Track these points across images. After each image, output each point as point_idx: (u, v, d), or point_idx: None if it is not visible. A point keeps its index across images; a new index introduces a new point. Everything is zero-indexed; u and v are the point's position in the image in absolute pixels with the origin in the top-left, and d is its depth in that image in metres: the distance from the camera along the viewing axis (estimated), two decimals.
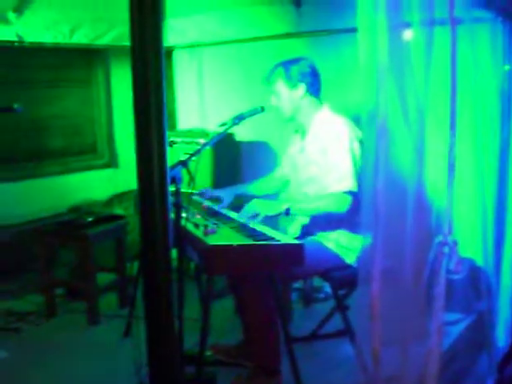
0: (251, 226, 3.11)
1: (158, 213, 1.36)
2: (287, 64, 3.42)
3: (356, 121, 3.23)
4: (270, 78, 3.47)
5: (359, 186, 3.14)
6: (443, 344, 2.79)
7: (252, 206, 3.22)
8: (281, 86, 3.42)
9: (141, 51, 1.32)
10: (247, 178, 5.35)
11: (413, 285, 2.49)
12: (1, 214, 4.75)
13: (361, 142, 3.26)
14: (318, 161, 3.36)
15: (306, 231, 3.49)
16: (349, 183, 3.18)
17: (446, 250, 2.51)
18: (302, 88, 3.40)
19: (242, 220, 3.20)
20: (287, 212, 3.20)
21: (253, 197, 3.44)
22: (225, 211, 3.49)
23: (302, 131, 3.59)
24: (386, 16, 2.08)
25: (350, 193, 3.18)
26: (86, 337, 4.10)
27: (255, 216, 3.16)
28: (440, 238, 2.52)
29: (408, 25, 2.32)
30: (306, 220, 3.50)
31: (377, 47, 2.11)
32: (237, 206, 3.49)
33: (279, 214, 3.23)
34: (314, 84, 3.45)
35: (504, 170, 3.45)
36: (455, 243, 2.53)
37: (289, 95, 3.42)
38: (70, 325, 4.28)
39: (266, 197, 3.61)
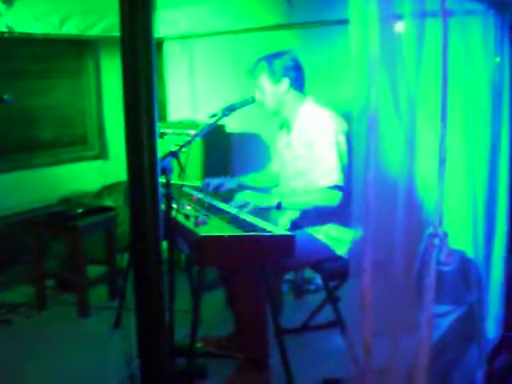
0: (242, 217, 3.11)
1: (148, 204, 1.35)
2: (270, 58, 3.40)
3: (347, 113, 3.22)
4: (253, 72, 3.45)
5: (349, 178, 3.14)
6: (433, 336, 2.80)
7: (243, 196, 3.22)
8: (264, 81, 3.41)
9: (131, 42, 1.31)
10: (238, 169, 5.35)
11: (403, 276, 2.50)
12: None
13: (346, 135, 3.26)
14: (304, 155, 3.35)
15: (296, 225, 3.48)
16: (335, 177, 3.18)
17: (437, 241, 2.51)
18: (285, 82, 3.38)
19: (233, 210, 3.20)
20: (278, 206, 3.20)
21: (244, 188, 3.44)
22: (215, 202, 3.48)
23: (287, 126, 3.58)
24: (378, 7, 2.07)
25: (338, 187, 3.18)
26: (77, 328, 4.10)
27: (245, 205, 3.16)
28: (430, 230, 2.53)
29: (400, 16, 2.32)
30: (295, 214, 3.49)
31: (368, 39, 2.11)
32: (227, 198, 3.48)
33: (270, 208, 3.24)
34: (297, 78, 3.42)
35: (495, 163, 3.46)
36: (445, 235, 2.54)
37: (272, 90, 3.40)
38: (61, 316, 4.27)
39: (262, 190, 3.61)
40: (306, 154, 3.33)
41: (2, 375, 3.45)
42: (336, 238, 3.33)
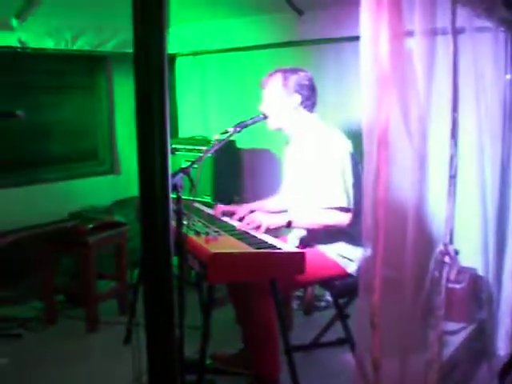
0: (252, 233, 3.11)
1: (159, 220, 1.35)
2: (286, 72, 3.39)
3: (356, 131, 3.23)
4: (266, 82, 3.44)
5: (356, 197, 3.13)
6: (444, 353, 2.79)
7: (254, 217, 3.22)
8: (276, 93, 3.39)
9: (144, 58, 1.32)
10: (248, 185, 5.36)
11: (413, 294, 2.49)
12: (2, 220, 4.74)
13: (351, 154, 3.24)
14: (309, 174, 3.34)
15: (304, 243, 3.47)
16: (339, 200, 3.17)
17: (447, 259, 2.51)
18: (296, 99, 3.37)
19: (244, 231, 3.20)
20: (289, 224, 3.20)
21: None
22: (226, 219, 3.48)
23: (292, 143, 3.58)
24: (389, 24, 2.08)
25: (344, 208, 3.17)
26: (86, 344, 4.10)
27: (257, 227, 3.16)
28: (441, 248, 2.53)
29: (410, 33, 2.33)
30: (303, 232, 3.48)
31: (379, 56, 2.11)
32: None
33: (281, 226, 3.23)
34: (309, 98, 3.40)
35: (506, 180, 3.46)
36: (456, 252, 2.54)
37: (282, 103, 3.39)
38: (70, 331, 4.28)
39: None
40: (310, 173, 3.32)
41: None
42: (346, 256, 3.33)
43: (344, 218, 3.17)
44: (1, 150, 4.96)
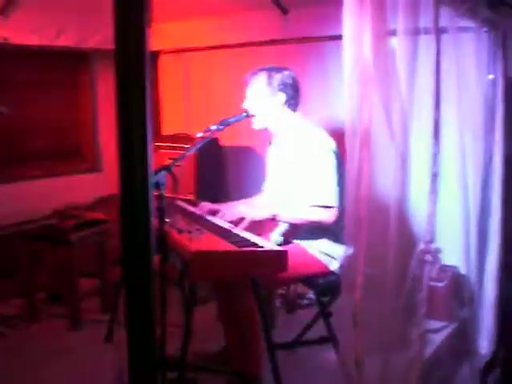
0: (234, 231, 3.10)
1: (140, 217, 1.35)
2: (270, 71, 3.39)
3: (339, 130, 3.23)
4: (250, 81, 3.44)
5: (340, 195, 3.14)
6: (426, 351, 2.80)
7: (236, 211, 3.22)
8: (260, 92, 3.38)
9: (124, 55, 1.31)
10: (231, 183, 5.36)
11: (395, 292, 2.50)
12: None
13: (335, 153, 3.25)
14: (292, 172, 3.34)
15: (287, 239, 3.48)
16: (323, 198, 3.17)
17: (428, 257, 2.52)
18: (281, 97, 3.37)
19: (226, 224, 3.20)
20: (273, 218, 3.20)
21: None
22: (209, 217, 3.48)
23: (276, 141, 3.58)
24: (371, 24, 2.09)
25: (330, 206, 3.18)
26: (68, 341, 4.08)
27: (241, 220, 3.16)
28: (422, 246, 2.54)
29: (393, 33, 2.33)
30: (284, 226, 3.48)
31: (362, 55, 2.12)
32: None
33: (265, 219, 3.24)
34: (293, 97, 3.40)
35: (487, 179, 3.47)
36: (438, 250, 2.55)
37: (266, 102, 3.39)
38: (52, 329, 4.26)
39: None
40: (294, 172, 3.33)
41: None
42: (328, 254, 3.33)
43: (329, 216, 3.17)
44: None
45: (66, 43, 4.87)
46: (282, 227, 3.50)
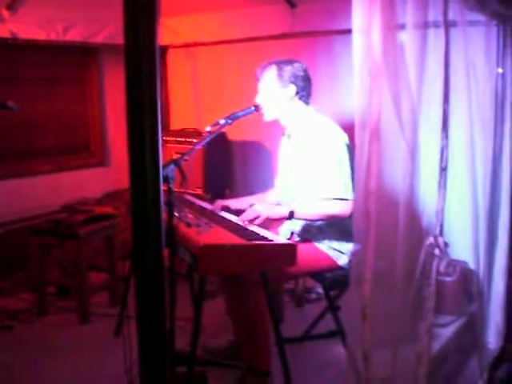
0: (243, 225, 3.10)
1: (150, 211, 1.35)
2: (281, 63, 3.39)
3: (349, 123, 3.22)
4: (261, 74, 3.44)
5: (351, 188, 3.14)
6: (434, 346, 2.80)
7: (254, 209, 3.21)
8: (271, 84, 3.37)
9: (134, 50, 1.31)
10: (239, 177, 5.36)
11: (403, 286, 2.50)
12: None
13: (347, 145, 3.24)
14: (304, 165, 3.34)
15: (295, 232, 3.47)
16: (336, 190, 3.17)
17: (437, 251, 2.52)
18: (292, 89, 3.36)
19: (235, 218, 3.20)
20: (290, 216, 3.19)
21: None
22: (224, 213, 3.47)
23: (287, 135, 3.57)
24: (381, 17, 2.08)
25: (345, 199, 3.17)
26: (77, 335, 4.09)
27: (256, 218, 3.15)
28: (430, 240, 2.53)
29: (402, 26, 2.32)
30: (296, 226, 3.47)
31: (371, 48, 2.11)
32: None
33: (282, 218, 3.23)
34: (304, 88, 3.39)
35: (497, 173, 3.46)
36: (445, 245, 2.54)
37: (277, 94, 3.38)
38: (61, 323, 4.27)
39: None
40: (305, 165, 3.32)
41: (1, 381, 3.45)
42: (337, 248, 3.33)
43: (345, 208, 3.15)
44: None
45: (74, 38, 4.88)
46: (290, 225, 3.48)
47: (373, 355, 2.34)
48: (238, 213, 3.39)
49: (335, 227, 3.31)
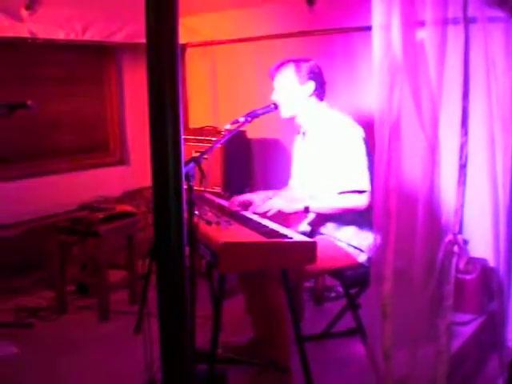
0: (263, 223, 3.11)
1: (172, 209, 1.36)
2: (299, 61, 3.41)
3: (368, 121, 3.22)
4: (279, 71, 3.44)
5: (369, 185, 3.14)
6: (454, 344, 2.79)
7: (269, 203, 3.23)
8: (290, 81, 3.40)
9: (156, 48, 1.32)
10: (259, 175, 5.36)
11: (423, 284, 2.49)
12: (13, 211, 4.77)
13: (364, 141, 3.25)
14: (320, 161, 3.35)
15: (314, 228, 3.48)
16: (356, 182, 3.17)
17: (456, 248, 2.51)
18: (310, 86, 3.38)
19: (254, 216, 3.21)
20: (306, 210, 3.20)
21: None
22: (238, 209, 3.48)
23: (302, 132, 3.58)
24: (401, 14, 2.08)
25: (362, 191, 3.17)
26: (97, 333, 4.11)
27: (268, 211, 3.17)
28: (450, 237, 2.52)
29: (422, 23, 2.32)
30: (311, 216, 3.48)
31: (391, 45, 2.11)
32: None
33: (297, 212, 3.24)
34: (321, 85, 3.43)
35: None
36: (465, 242, 2.53)
37: (296, 91, 3.39)
38: (81, 321, 4.30)
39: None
40: (322, 160, 3.33)
41: (22, 379, 3.47)
42: (356, 246, 3.33)
43: (362, 200, 3.15)
44: (13, 141, 4.98)
45: (92, 38, 4.90)
46: (309, 217, 3.50)
47: (393, 353, 2.34)
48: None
49: (353, 223, 3.31)
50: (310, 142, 3.46)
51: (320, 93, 3.43)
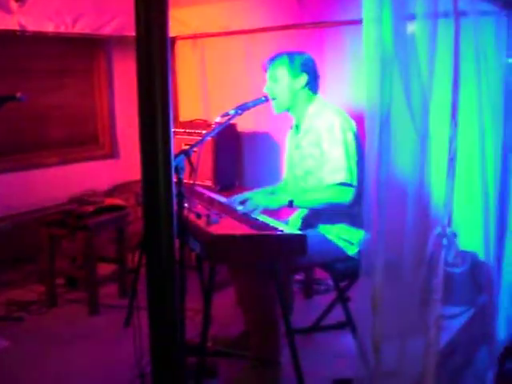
0: (253, 216, 3.11)
1: (162, 202, 1.35)
2: (291, 54, 3.41)
3: (359, 113, 3.22)
4: (272, 64, 3.44)
5: (359, 177, 3.14)
6: (444, 337, 2.80)
7: (253, 200, 3.23)
8: (283, 74, 3.39)
9: (146, 41, 1.31)
10: (249, 168, 5.35)
11: (412, 277, 2.50)
12: (3, 204, 4.75)
13: (355, 133, 3.25)
14: (313, 154, 3.34)
15: (307, 223, 3.48)
16: (342, 175, 3.16)
17: (445, 241, 2.51)
18: (303, 78, 3.38)
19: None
20: (290, 204, 3.20)
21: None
22: (227, 201, 3.48)
23: (295, 126, 3.57)
24: (392, 7, 2.08)
25: (348, 184, 3.17)
26: (87, 326, 4.11)
27: (254, 210, 3.17)
28: (439, 230, 2.52)
29: (413, 16, 2.32)
30: (304, 211, 3.49)
31: (381, 39, 2.11)
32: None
33: (282, 207, 3.24)
34: (314, 78, 3.44)
35: (507, 163, 3.45)
36: (454, 235, 2.53)
37: (289, 84, 3.39)
38: (71, 314, 4.29)
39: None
40: (315, 153, 3.32)
41: (13, 372, 3.47)
42: (347, 239, 3.33)
43: (347, 195, 3.15)
44: (1, 133, 4.95)
45: (82, 30, 4.88)
46: (302, 212, 3.50)
47: (382, 346, 2.34)
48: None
49: (344, 217, 3.31)
50: (303, 135, 3.46)
51: (313, 86, 3.43)
